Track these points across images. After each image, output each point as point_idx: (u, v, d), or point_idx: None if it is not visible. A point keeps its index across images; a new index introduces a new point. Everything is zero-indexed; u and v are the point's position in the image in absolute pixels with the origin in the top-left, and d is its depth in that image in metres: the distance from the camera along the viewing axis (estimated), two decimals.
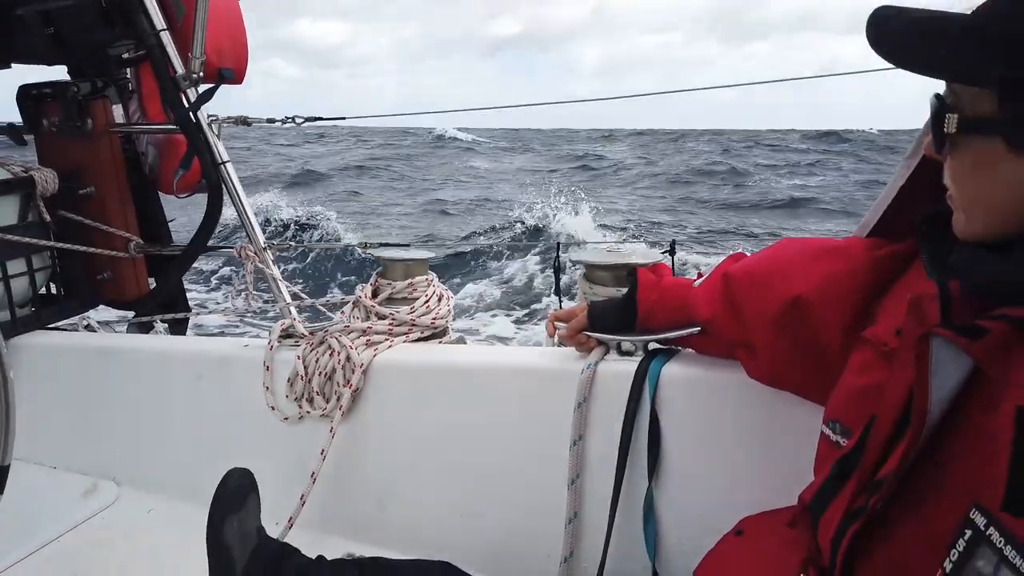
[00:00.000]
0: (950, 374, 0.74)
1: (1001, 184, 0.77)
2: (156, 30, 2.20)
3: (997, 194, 0.78)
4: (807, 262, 1.17)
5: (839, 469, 0.90)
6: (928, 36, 0.79)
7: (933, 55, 0.79)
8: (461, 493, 1.67)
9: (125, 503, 2.00)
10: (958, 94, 0.79)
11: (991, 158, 0.77)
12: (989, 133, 0.76)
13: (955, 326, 0.75)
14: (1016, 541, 0.63)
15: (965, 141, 0.79)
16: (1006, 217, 0.78)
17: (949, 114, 0.78)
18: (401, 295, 1.90)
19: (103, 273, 2.50)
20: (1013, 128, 0.74)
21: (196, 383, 1.97)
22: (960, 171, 0.81)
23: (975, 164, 0.79)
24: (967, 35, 0.76)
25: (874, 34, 0.81)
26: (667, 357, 1.47)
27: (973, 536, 0.67)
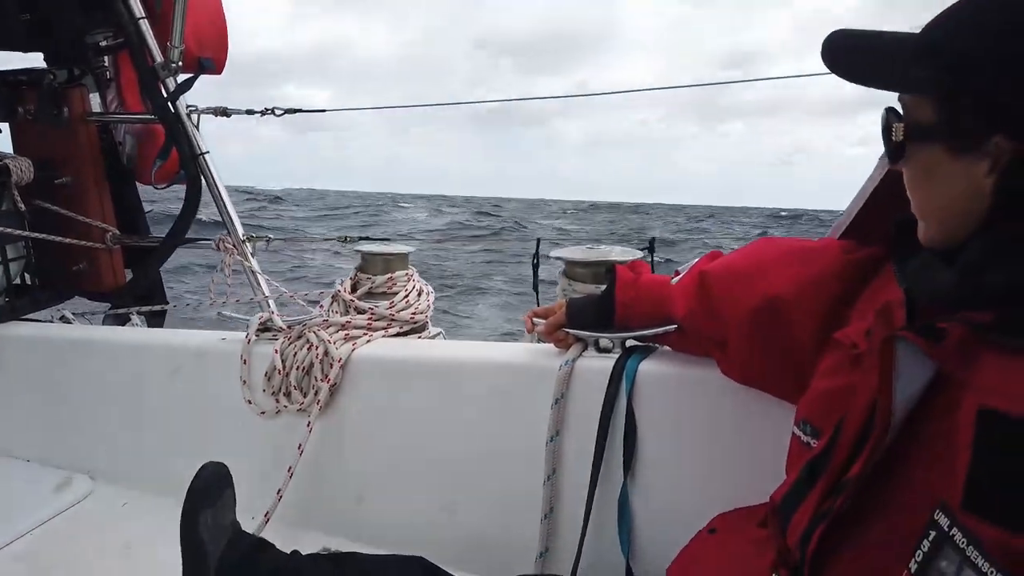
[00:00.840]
0: (914, 377, 0.76)
1: (949, 190, 0.79)
2: (135, 18, 2.17)
3: (947, 200, 0.80)
4: (782, 263, 1.18)
5: (809, 470, 0.92)
6: (876, 54, 0.84)
7: (880, 68, 0.83)
8: (438, 488, 1.68)
9: (99, 497, 1.98)
10: (907, 107, 0.83)
11: (936, 165, 0.80)
12: (931, 140, 0.79)
13: (917, 328, 0.77)
14: (977, 541, 0.65)
15: (913, 149, 0.82)
16: (956, 222, 0.80)
17: (896, 124, 0.82)
18: (381, 290, 1.90)
19: (79, 264, 2.47)
20: (952, 133, 0.77)
21: (172, 376, 1.96)
22: (913, 180, 0.85)
23: (924, 172, 0.82)
24: (908, 49, 0.81)
25: (828, 53, 0.86)
26: (644, 354, 1.48)
27: (937, 537, 0.68)
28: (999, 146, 0.74)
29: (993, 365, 0.71)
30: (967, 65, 0.75)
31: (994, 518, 0.65)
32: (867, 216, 1.15)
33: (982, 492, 0.67)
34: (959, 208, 0.79)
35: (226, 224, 2.28)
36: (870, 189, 1.11)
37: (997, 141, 0.74)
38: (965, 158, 0.77)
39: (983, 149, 0.75)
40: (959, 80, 0.76)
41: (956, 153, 0.77)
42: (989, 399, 0.69)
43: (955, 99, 0.77)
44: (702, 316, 1.27)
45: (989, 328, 0.73)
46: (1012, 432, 0.67)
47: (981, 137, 0.75)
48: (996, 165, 0.74)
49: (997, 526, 0.65)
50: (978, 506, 0.67)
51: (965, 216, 0.79)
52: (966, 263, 0.77)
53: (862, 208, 1.14)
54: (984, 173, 0.75)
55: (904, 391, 0.77)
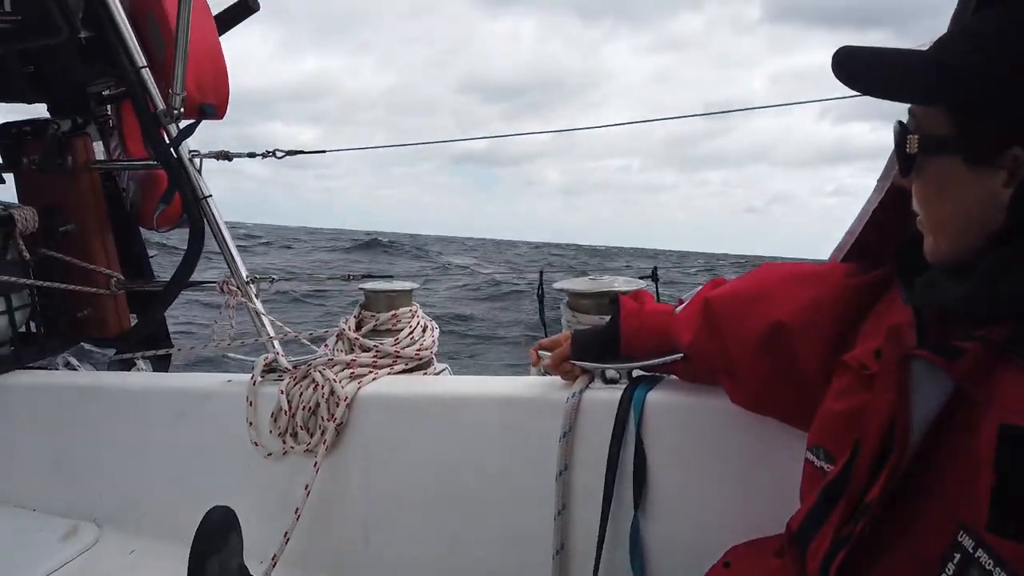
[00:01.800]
0: (931, 396, 0.75)
1: (964, 202, 0.79)
2: (136, 67, 2.20)
3: (961, 213, 0.80)
4: (787, 288, 1.18)
5: (825, 495, 0.90)
6: (891, 66, 0.83)
7: (896, 79, 0.82)
8: (447, 526, 1.66)
9: (107, 545, 1.96)
10: (918, 118, 0.82)
11: (952, 177, 0.79)
12: (948, 152, 0.79)
13: (933, 347, 0.76)
14: (1004, 562, 0.63)
15: (927, 162, 0.82)
16: (970, 236, 0.80)
17: (910, 136, 0.82)
18: (385, 327, 1.90)
19: (84, 310, 2.47)
20: (969, 145, 0.77)
21: (178, 420, 1.95)
22: (926, 193, 0.84)
23: (938, 184, 0.81)
24: (926, 61, 0.80)
25: (841, 65, 0.84)
26: (651, 384, 1.47)
27: (962, 559, 0.67)
28: (1017, 158, 0.73)
29: (1012, 382, 0.70)
30: (985, 76, 0.75)
31: (1020, 537, 0.64)
32: (868, 238, 1.15)
33: (1007, 512, 0.66)
34: (973, 221, 0.79)
35: (229, 266, 2.29)
36: (870, 210, 1.11)
37: (1016, 153, 0.73)
38: (982, 170, 0.76)
39: (1000, 161, 0.74)
40: (977, 91, 0.75)
41: (973, 165, 0.77)
42: (1009, 417, 0.68)
43: (972, 110, 0.77)
44: (708, 344, 1.27)
45: (1006, 344, 0.72)
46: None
47: (999, 149, 0.74)
48: (1014, 177, 0.74)
49: (1022, 544, 0.63)
50: (1003, 526, 0.65)
51: (979, 229, 0.78)
52: (981, 275, 0.76)
53: (863, 230, 1.14)
54: (1001, 185, 0.75)
55: (922, 410, 0.76)
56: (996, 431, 0.68)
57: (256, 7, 2.51)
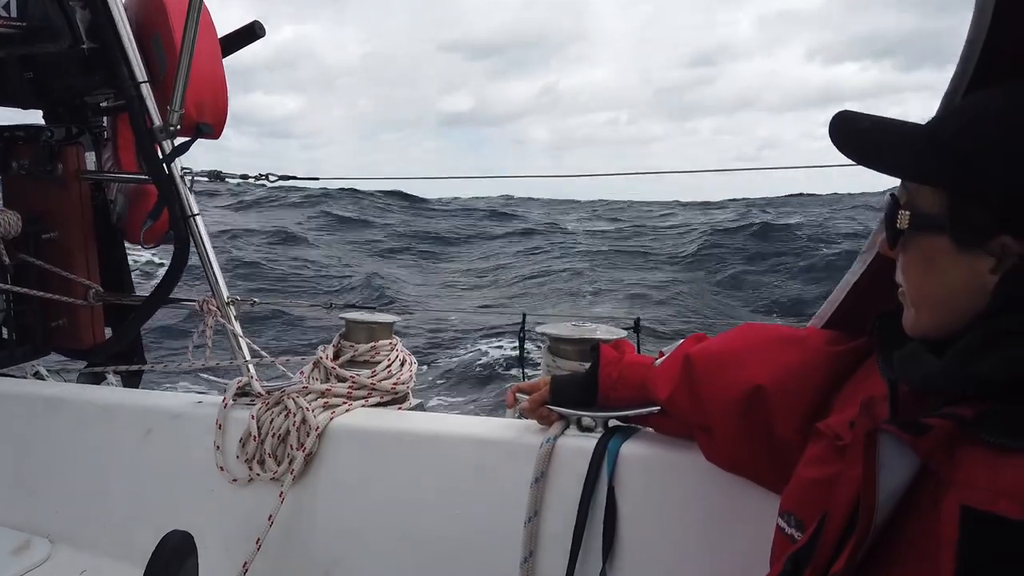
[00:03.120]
0: (897, 471, 0.75)
1: (948, 281, 0.80)
2: (137, 81, 2.21)
3: (944, 291, 0.80)
4: (767, 351, 1.18)
5: (793, 563, 0.89)
6: (888, 138, 0.84)
7: (891, 155, 0.84)
8: (411, 567, 1.62)
9: (57, 562, 1.90)
10: (912, 194, 0.83)
11: (939, 256, 0.80)
12: (937, 231, 0.80)
13: (900, 422, 0.76)
14: None
15: (916, 238, 0.83)
16: (952, 315, 0.80)
17: (902, 211, 0.83)
18: (363, 358, 1.88)
19: (59, 320, 2.44)
20: (958, 227, 0.78)
21: (144, 438, 1.91)
22: (911, 267, 0.85)
23: (925, 261, 0.82)
24: (925, 140, 0.81)
25: (839, 134, 0.86)
26: (626, 435, 1.46)
27: None
28: (1006, 247, 0.74)
29: (976, 461, 0.70)
30: (981, 162, 0.76)
31: None
32: (850, 306, 1.16)
33: None
34: (957, 301, 0.79)
35: (211, 286, 2.27)
36: (852, 280, 1.12)
37: (1004, 241, 0.74)
38: (969, 253, 0.77)
39: (988, 247, 0.75)
40: (971, 176, 0.76)
41: (961, 248, 0.78)
42: (971, 498, 0.68)
43: (965, 194, 0.77)
44: (685, 400, 1.26)
45: (972, 424, 0.72)
46: (996, 531, 0.66)
47: (988, 234, 0.75)
48: (1000, 264, 0.75)
49: None
50: None
51: (962, 309, 0.79)
52: (955, 353, 0.77)
53: (844, 298, 1.15)
54: (987, 270, 0.76)
55: (888, 486, 0.75)
56: (958, 511, 0.68)
57: (262, 33, 2.54)
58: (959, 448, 0.72)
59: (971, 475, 0.70)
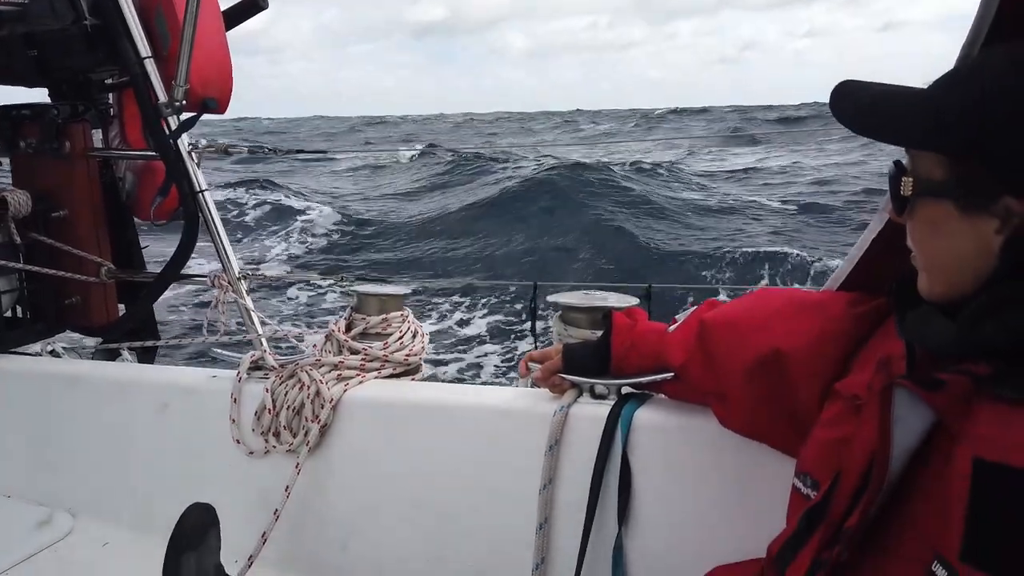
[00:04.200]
0: (912, 426, 0.77)
1: (954, 245, 0.80)
2: (141, 57, 2.19)
3: (952, 255, 0.81)
4: (786, 316, 1.18)
5: (807, 520, 0.91)
6: (888, 107, 0.84)
7: (892, 124, 0.84)
8: (426, 534, 1.64)
9: (80, 535, 1.94)
10: (915, 160, 0.84)
11: (945, 221, 0.80)
12: (941, 196, 0.80)
13: (916, 378, 0.78)
14: None
15: (921, 204, 0.83)
16: (961, 277, 0.81)
17: (905, 178, 0.83)
18: (375, 330, 1.89)
19: (72, 298, 2.45)
20: (962, 191, 0.78)
21: (160, 413, 1.93)
22: (919, 234, 0.85)
23: (931, 227, 0.82)
24: (923, 106, 0.81)
25: (839, 106, 0.87)
26: (640, 402, 1.46)
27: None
28: (1010, 208, 0.74)
29: (989, 416, 0.71)
30: (981, 126, 0.76)
31: (990, 568, 0.65)
32: (866, 267, 1.15)
33: (979, 542, 0.67)
34: (964, 265, 0.80)
35: (222, 261, 2.27)
36: (869, 239, 1.11)
37: (1008, 203, 0.74)
38: (974, 216, 0.77)
39: (993, 209, 0.75)
40: (972, 141, 0.76)
41: (965, 211, 0.78)
42: (984, 450, 0.69)
43: (967, 159, 0.77)
44: (700, 366, 1.26)
45: (986, 380, 0.73)
46: (1008, 482, 0.67)
47: (991, 197, 0.75)
48: (1005, 225, 0.75)
49: (994, 575, 0.65)
50: (975, 556, 0.67)
51: (970, 272, 0.79)
52: (965, 316, 0.77)
53: (862, 258, 1.14)
54: (993, 232, 0.76)
55: (902, 441, 0.77)
56: (971, 464, 0.70)
57: (265, 5, 2.51)
58: (973, 403, 0.74)
59: (984, 429, 0.71)
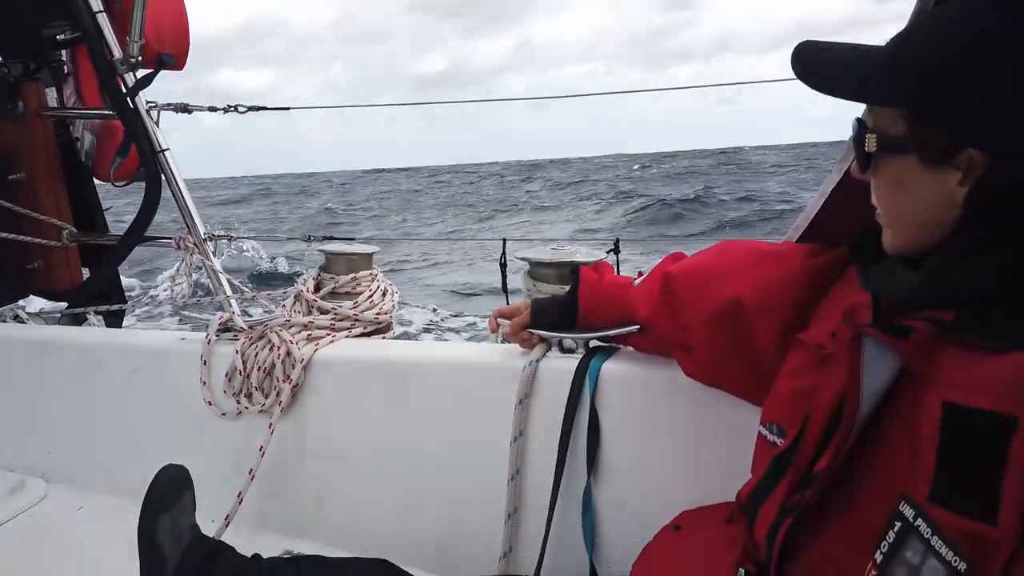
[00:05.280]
0: (880, 372, 0.78)
1: (920, 200, 0.81)
2: (93, 11, 2.12)
3: (917, 209, 0.82)
4: (746, 266, 1.20)
5: (775, 465, 0.93)
6: (848, 64, 0.85)
7: (853, 81, 0.84)
8: (400, 489, 1.67)
9: (54, 500, 1.94)
10: (877, 117, 0.84)
11: (909, 176, 0.81)
12: (905, 152, 0.80)
13: (883, 326, 0.79)
14: (941, 531, 0.67)
15: (885, 160, 0.83)
16: (926, 230, 0.82)
17: (868, 135, 0.83)
18: (344, 289, 1.88)
19: (34, 262, 2.41)
20: (924, 146, 0.78)
21: (130, 377, 1.92)
22: (883, 190, 0.86)
23: (896, 182, 0.83)
24: (883, 63, 0.82)
25: (800, 65, 0.87)
26: (607, 355, 1.48)
27: (902, 528, 0.70)
28: (972, 159, 0.75)
29: (955, 361, 0.73)
30: (938, 80, 0.76)
31: (958, 508, 0.67)
32: (825, 217, 1.17)
33: (947, 483, 0.69)
34: (929, 218, 0.81)
35: (187, 222, 2.24)
36: (828, 190, 1.13)
37: (970, 154, 0.75)
38: (937, 170, 0.78)
39: (955, 162, 0.76)
40: (930, 95, 0.77)
41: (929, 165, 0.78)
42: (951, 393, 0.71)
43: (926, 113, 0.78)
44: (664, 317, 1.28)
45: (951, 326, 0.75)
46: (974, 423, 0.68)
47: (953, 150, 0.76)
48: (967, 177, 0.76)
49: (961, 515, 0.66)
50: (943, 497, 0.68)
51: (934, 225, 0.80)
52: (929, 267, 0.79)
53: (819, 211, 1.16)
54: (956, 184, 0.77)
55: (871, 386, 0.78)
56: (940, 406, 0.71)
57: None
58: (939, 349, 0.75)
59: (951, 374, 0.72)
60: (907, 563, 0.69)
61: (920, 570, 0.68)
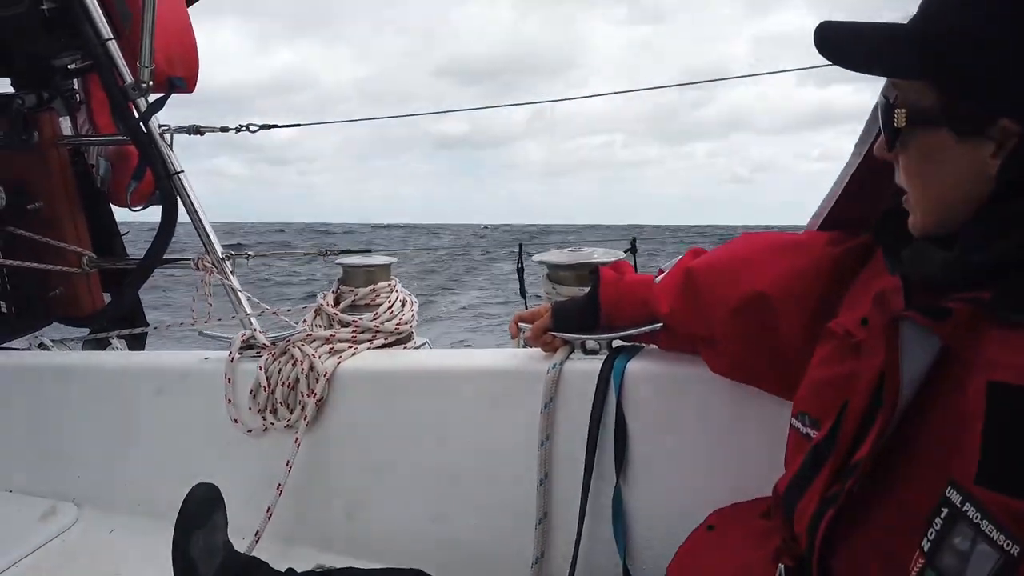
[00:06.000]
0: (919, 356, 0.76)
1: (952, 174, 0.79)
2: (102, 39, 2.14)
3: (948, 184, 0.80)
4: (768, 257, 1.19)
5: (813, 457, 0.91)
6: (874, 39, 0.83)
7: (880, 55, 0.82)
8: (429, 498, 1.66)
9: (86, 524, 1.95)
10: (903, 91, 0.82)
11: (940, 149, 0.79)
12: (936, 125, 0.78)
13: (921, 308, 0.77)
14: (991, 514, 0.64)
15: (914, 135, 0.81)
16: (957, 206, 0.80)
17: (898, 110, 0.81)
18: (364, 301, 1.89)
19: (56, 290, 2.43)
20: (957, 118, 0.77)
21: (156, 399, 1.93)
22: (912, 166, 0.84)
23: (926, 157, 0.81)
24: (909, 37, 0.80)
25: (824, 40, 0.84)
26: (631, 354, 1.48)
27: (949, 514, 0.68)
28: (1006, 129, 0.73)
29: (997, 341, 0.71)
30: (971, 50, 0.74)
31: (1008, 490, 0.64)
32: (847, 205, 1.15)
33: (995, 465, 0.66)
34: (961, 191, 0.79)
35: (204, 243, 2.25)
36: (847, 176, 1.12)
37: (1004, 124, 0.73)
38: (970, 142, 0.76)
39: (989, 132, 0.74)
40: (963, 66, 0.75)
41: (961, 137, 0.77)
42: (996, 373, 0.69)
43: (958, 83, 0.76)
44: (687, 313, 1.27)
45: (990, 305, 0.73)
46: (1022, 402, 0.66)
47: (987, 121, 0.74)
48: (1001, 148, 0.74)
49: (1011, 497, 0.64)
50: (991, 479, 0.66)
51: (966, 199, 0.79)
52: (965, 242, 0.77)
53: (841, 197, 1.15)
54: (989, 156, 0.75)
55: (911, 369, 0.76)
56: (985, 387, 0.69)
57: None
58: (979, 329, 0.73)
59: (994, 354, 0.70)
60: (956, 550, 0.67)
61: (970, 556, 0.65)
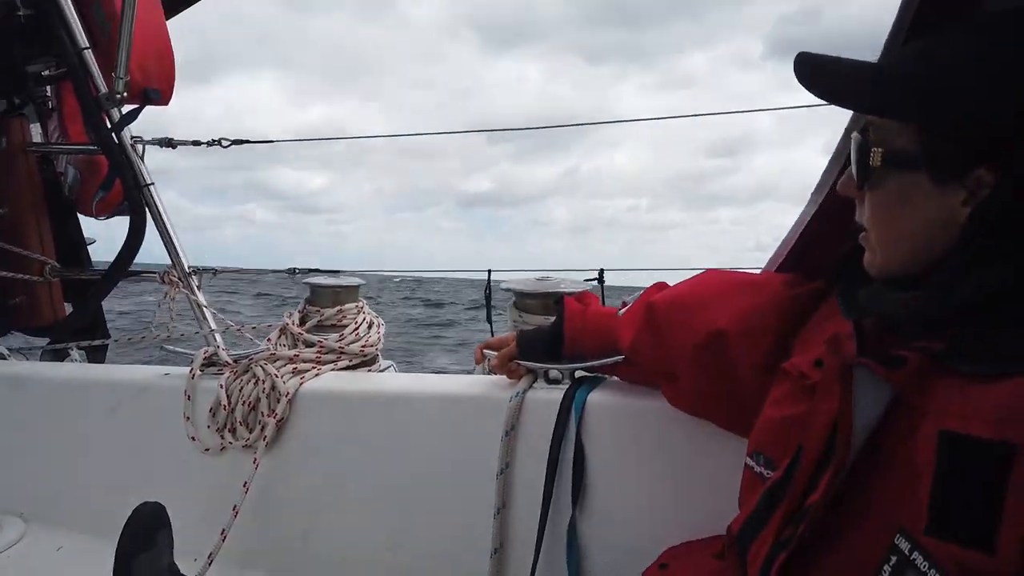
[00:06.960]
0: (872, 403, 0.77)
1: (921, 218, 0.79)
2: (79, 48, 2.12)
3: (917, 227, 0.80)
4: (726, 295, 1.20)
5: (767, 499, 0.91)
6: (858, 75, 0.82)
7: (864, 92, 0.81)
8: (386, 525, 1.65)
9: (32, 541, 1.90)
10: (880, 131, 0.82)
11: (914, 192, 0.79)
12: (913, 168, 0.78)
13: (876, 356, 0.78)
14: (938, 564, 0.65)
15: (888, 176, 0.81)
16: (921, 251, 0.80)
17: (875, 149, 0.81)
18: (330, 322, 1.88)
19: (16, 298, 2.38)
20: (936, 163, 0.77)
21: (112, 413, 1.90)
22: (881, 207, 0.83)
23: (898, 199, 0.81)
24: (896, 75, 0.80)
25: (806, 73, 0.83)
26: (593, 385, 1.48)
27: (898, 562, 0.69)
28: (981, 179, 0.74)
29: (949, 390, 0.72)
30: (955, 95, 0.74)
31: (956, 539, 0.65)
32: (803, 248, 1.17)
33: (943, 514, 0.67)
34: (928, 235, 0.79)
35: (171, 256, 2.23)
36: (805, 221, 1.14)
37: (980, 174, 0.74)
38: (944, 188, 0.76)
39: (965, 180, 0.74)
40: (946, 110, 0.75)
41: (936, 182, 0.77)
42: (947, 422, 0.69)
43: (939, 128, 0.76)
44: (648, 347, 1.28)
45: (943, 355, 0.73)
46: (972, 451, 0.67)
47: (965, 168, 0.74)
48: (973, 196, 0.74)
49: (959, 546, 0.64)
50: (940, 528, 0.66)
51: (931, 244, 0.79)
52: (935, 284, 0.77)
53: (798, 241, 1.17)
54: (960, 203, 0.75)
55: (864, 416, 0.77)
56: (936, 436, 0.69)
57: None
58: (931, 378, 0.74)
59: (944, 403, 0.71)
60: None
61: None
